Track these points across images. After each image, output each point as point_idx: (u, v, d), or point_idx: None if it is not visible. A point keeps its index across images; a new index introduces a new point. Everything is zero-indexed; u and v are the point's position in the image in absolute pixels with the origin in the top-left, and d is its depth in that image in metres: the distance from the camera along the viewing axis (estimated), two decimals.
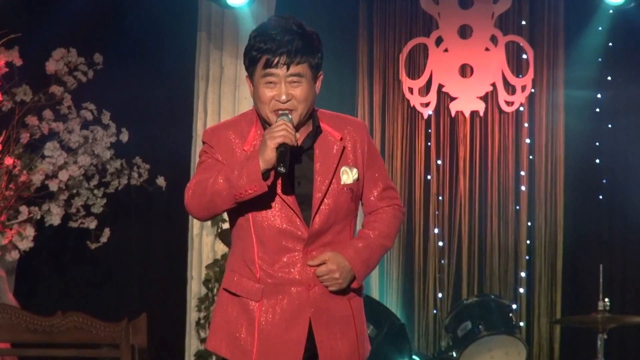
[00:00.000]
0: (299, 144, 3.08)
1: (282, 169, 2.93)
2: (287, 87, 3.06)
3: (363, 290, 3.25)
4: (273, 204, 3.08)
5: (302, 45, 3.07)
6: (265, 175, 2.96)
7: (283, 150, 2.94)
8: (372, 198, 3.24)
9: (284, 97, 3.06)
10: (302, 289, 3.09)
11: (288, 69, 3.06)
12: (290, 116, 3.05)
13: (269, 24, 3.12)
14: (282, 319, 3.09)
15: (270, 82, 3.07)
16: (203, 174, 3.10)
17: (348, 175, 3.15)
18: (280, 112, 3.06)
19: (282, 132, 2.95)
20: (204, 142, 3.20)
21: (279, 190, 3.08)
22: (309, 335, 3.10)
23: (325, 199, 3.10)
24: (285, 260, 3.10)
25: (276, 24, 3.10)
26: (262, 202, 3.07)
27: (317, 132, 3.16)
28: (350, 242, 3.16)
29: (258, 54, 3.08)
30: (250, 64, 3.12)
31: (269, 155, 2.94)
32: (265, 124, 3.12)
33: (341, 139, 3.16)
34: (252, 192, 2.98)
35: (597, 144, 6.66)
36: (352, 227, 3.20)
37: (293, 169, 3.10)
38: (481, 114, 6.68)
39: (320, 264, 3.09)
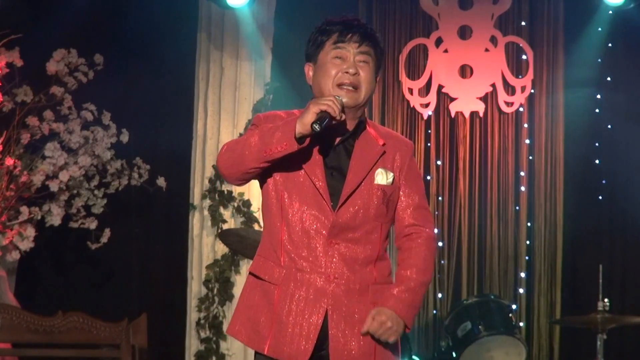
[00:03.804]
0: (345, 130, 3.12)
1: (316, 127, 2.93)
2: (356, 64, 3.11)
3: None
4: (305, 188, 3.08)
5: (372, 33, 3.15)
6: (300, 140, 2.96)
7: (324, 115, 2.95)
8: (404, 215, 3.21)
9: (352, 70, 3.09)
10: (323, 280, 3.08)
11: (359, 46, 3.11)
12: (342, 99, 3.04)
13: (334, 17, 3.18)
14: (298, 307, 3.07)
15: (340, 57, 3.11)
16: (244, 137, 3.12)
17: (383, 177, 3.14)
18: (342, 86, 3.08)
19: (328, 101, 2.97)
20: (252, 124, 3.20)
21: (312, 176, 3.08)
22: (327, 331, 3.08)
23: (355, 194, 3.09)
24: (310, 245, 3.08)
25: (344, 15, 3.17)
26: (295, 184, 3.09)
27: (360, 127, 3.18)
28: (389, 292, 3.11)
29: (326, 35, 3.13)
30: (318, 45, 3.14)
31: (308, 118, 2.94)
32: None
33: (383, 144, 3.18)
34: (281, 149, 2.97)
35: (597, 144, 6.66)
36: (383, 231, 3.17)
37: (330, 159, 3.12)
38: (481, 114, 6.68)
39: (368, 331, 3.07)
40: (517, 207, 6.64)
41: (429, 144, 6.70)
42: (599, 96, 6.68)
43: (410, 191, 3.21)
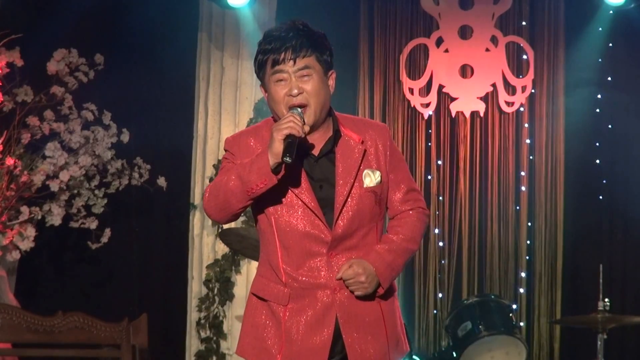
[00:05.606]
0: (317, 147, 3.11)
1: (287, 159, 2.94)
2: (298, 82, 3.08)
3: (396, 291, 3.25)
4: (295, 208, 3.08)
5: (307, 40, 3.09)
6: (276, 169, 2.97)
7: (290, 141, 2.95)
8: (395, 201, 3.23)
9: (295, 91, 3.06)
10: (328, 293, 3.09)
11: (295, 63, 3.07)
12: (299, 110, 3.05)
13: (274, 27, 3.16)
14: (307, 324, 3.08)
15: (281, 80, 3.09)
16: (221, 177, 3.11)
17: (371, 178, 3.14)
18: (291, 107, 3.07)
19: (288, 123, 2.96)
20: (225, 150, 3.21)
21: (301, 195, 3.08)
22: (341, 339, 3.10)
23: (347, 203, 3.09)
24: (310, 264, 3.09)
25: (280, 26, 3.13)
26: (285, 206, 3.09)
27: (336, 135, 3.15)
28: (373, 248, 3.14)
29: (265, 55, 3.10)
30: (260, 68, 3.14)
31: (277, 148, 2.95)
32: None
33: (362, 142, 3.16)
34: (262, 185, 2.98)
35: (597, 144, 6.66)
36: (378, 230, 3.19)
37: (315, 172, 3.12)
38: (481, 114, 6.68)
39: (341, 277, 3.09)
40: (518, 207, 6.64)
41: (429, 144, 6.70)
42: (599, 96, 6.67)
43: (398, 179, 3.22)
